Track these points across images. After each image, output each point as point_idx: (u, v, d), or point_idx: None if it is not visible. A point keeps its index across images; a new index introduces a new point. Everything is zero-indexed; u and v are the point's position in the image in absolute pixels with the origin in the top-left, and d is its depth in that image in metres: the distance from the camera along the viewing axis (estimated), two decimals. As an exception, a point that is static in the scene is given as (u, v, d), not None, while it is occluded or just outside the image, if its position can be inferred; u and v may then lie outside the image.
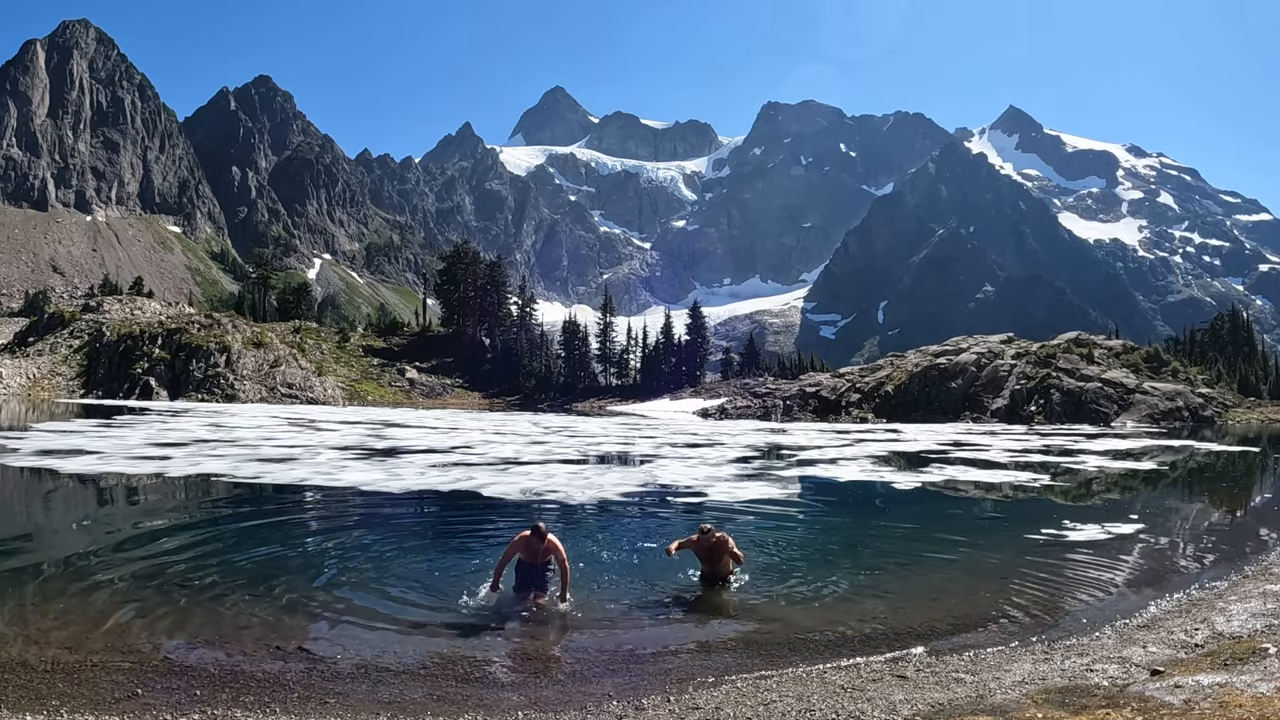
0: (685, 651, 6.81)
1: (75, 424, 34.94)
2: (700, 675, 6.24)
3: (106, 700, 5.42)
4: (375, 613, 7.66)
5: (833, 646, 6.94)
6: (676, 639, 7.14)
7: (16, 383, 65.07)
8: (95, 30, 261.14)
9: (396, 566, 9.69)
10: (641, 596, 8.52)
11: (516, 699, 5.66)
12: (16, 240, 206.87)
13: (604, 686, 5.89)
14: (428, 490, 16.71)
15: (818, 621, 7.66)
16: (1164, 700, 5.18)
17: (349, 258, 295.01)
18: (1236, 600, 8.38)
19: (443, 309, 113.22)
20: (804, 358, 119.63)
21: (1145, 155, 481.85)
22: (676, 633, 7.35)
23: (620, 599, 8.37)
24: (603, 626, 7.44)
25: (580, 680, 6.05)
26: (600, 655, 6.55)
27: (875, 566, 10.17)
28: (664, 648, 6.88)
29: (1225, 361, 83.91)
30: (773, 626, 7.48)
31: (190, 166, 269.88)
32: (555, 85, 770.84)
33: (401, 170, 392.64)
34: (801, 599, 8.36)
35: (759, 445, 32.19)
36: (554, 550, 8.38)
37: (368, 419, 44.83)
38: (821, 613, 7.93)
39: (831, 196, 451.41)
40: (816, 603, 8.28)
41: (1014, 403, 62.36)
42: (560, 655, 6.88)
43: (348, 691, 5.73)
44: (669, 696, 5.75)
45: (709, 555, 8.84)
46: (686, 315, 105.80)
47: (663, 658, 6.64)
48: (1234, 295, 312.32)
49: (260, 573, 9.12)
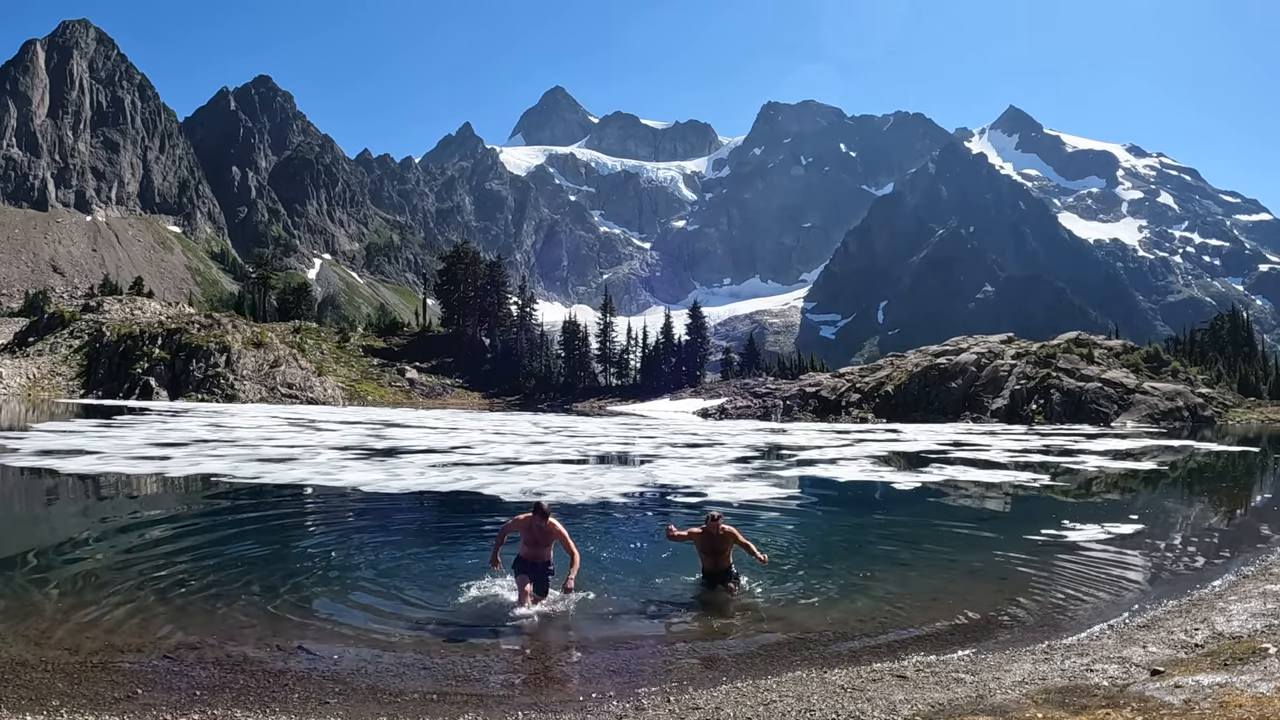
0: (685, 651, 6.81)
1: (75, 424, 34.94)
2: (700, 675, 6.24)
3: (106, 700, 5.42)
4: (375, 613, 7.66)
5: (833, 646, 6.94)
6: (676, 639, 7.14)
7: (16, 383, 65.07)
8: (95, 30, 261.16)
9: (396, 566, 9.69)
10: (641, 596, 8.52)
11: (516, 699, 5.66)
12: (16, 240, 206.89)
13: (604, 686, 5.89)
14: (427, 490, 16.72)
15: (818, 621, 7.66)
16: (1164, 700, 5.18)
17: (349, 258, 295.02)
18: (1236, 600, 8.38)
19: (443, 309, 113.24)
20: (804, 358, 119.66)
21: (1145, 155, 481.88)
22: (676, 632, 7.35)
23: (620, 598, 8.36)
24: (603, 626, 7.44)
25: (580, 680, 6.05)
26: (600, 655, 6.55)
27: (875, 566, 10.17)
28: (664, 647, 6.88)
29: (1225, 361, 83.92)
30: (772, 626, 7.48)
31: (190, 166, 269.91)
32: (555, 85, 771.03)
33: (401, 170, 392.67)
34: (801, 599, 8.35)
35: (759, 445, 32.19)
36: (557, 534, 8.06)
37: (368, 419, 44.83)
38: (821, 613, 7.92)
39: (831, 196, 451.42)
40: (816, 603, 8.28)
41: (1014, 403, 62.36)
42: (560, 655, 6.89)
43: (348, 691, 5.73)
44: (669, 696, 5.75)
45: (713, 546, 8.50)
46: (686, 315, 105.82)
47: (663, 657, 6.64)
48: (1234, 295, 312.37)
49: (260, 573, 9.12)
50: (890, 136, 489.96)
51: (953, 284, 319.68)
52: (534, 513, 8.14)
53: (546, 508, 8.14)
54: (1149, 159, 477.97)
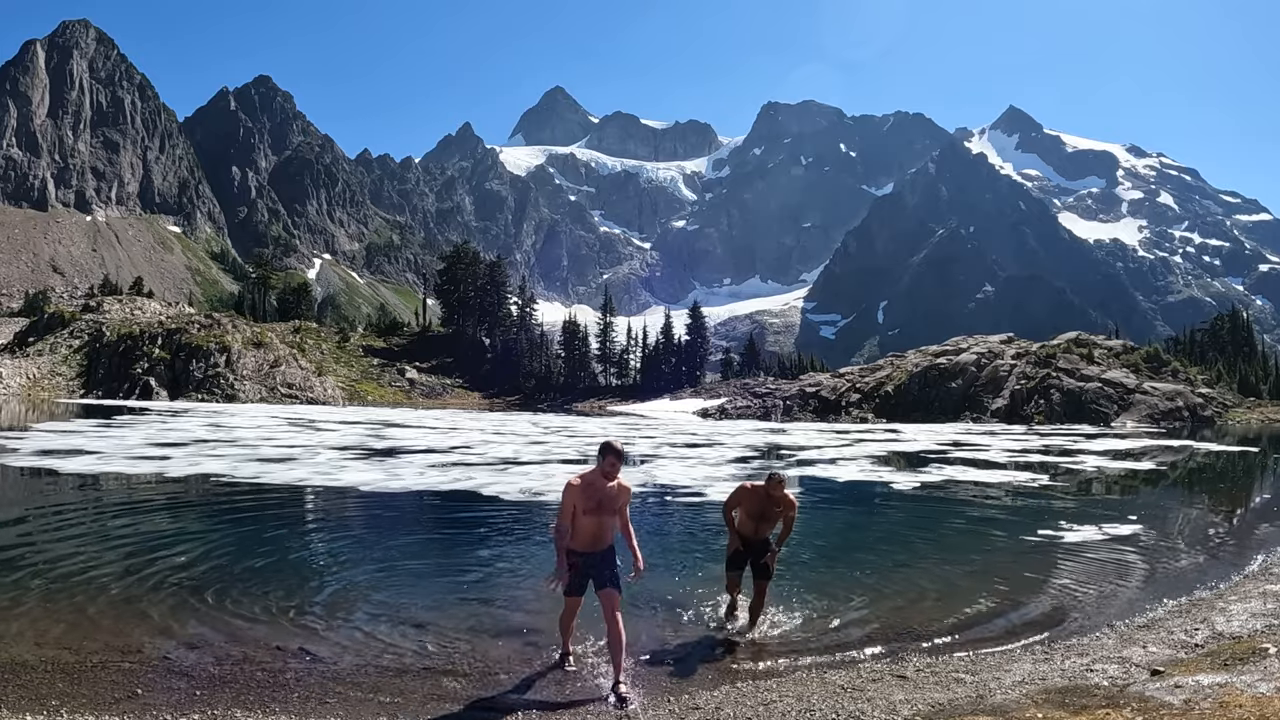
0: (685, 651, 6.80)
1: (75, 424, 34.93)
2: (700, 675, 6.24)
3: (106, 700, 5.42)
4: (375, 613, 7.66)
5: (833, 647, 6.94)
6: (676, 638, 7.14)
7: (16, 383, 65.05)
8: (95, 30, 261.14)
9: (396, 566, 9.68)
10: (641, 595, 8.51)
11: (516, 698, 5.66)
12: (16, 240, 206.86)
13: (604, 686, 5.89)
14: (427, 490, 16.71)
15: (818, 621, 7.66)
16: (1164, 700, 5.18)
17: (349, 258, 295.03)
18: (1236, 600, 8.38)
19: (443, 309, 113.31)
20: (804, 358, 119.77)
21: (1145, 155, 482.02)
22: (676, 632, 7.35)
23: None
24: (602, 626, 7.43)
25: (580, 680, 6.05)
26: (600, 655, 6.54)
27: (874, 566, 10.16)
28: (664, 647, 6.88)
29: (1225, 361, 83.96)
30: (772, 626, 7.47)
31: (190, 166, 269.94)
32: (555, 85, 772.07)
33: (401, 170, 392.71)
34: (800, 599, 8.35)
35: (758, 445, 32.19)
36: (627, 494, 6.04)
37: (367, 419, 44.82)
38: (821, 612, 7.92)
39: (831, 196, 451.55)
40: (816, 603, 8.27)
41: (1014, 403, 62.36)
42: (560, 654, 6.87)
43: (348, 691, 5.73)
44: (669, 696, 5.75)
45: (764, 512, 7.39)
46: (686, 315, 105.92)
47: (663, 657, 6.63)
48: (1234, 295, 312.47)
49: (260, 572, 9.12)
50: (890, 136, 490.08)
51: (953, 284, 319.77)
52: (607, 455, 5.87)
53: (619, 446, 5.93)
54: (1149, 159, 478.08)
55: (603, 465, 5.86)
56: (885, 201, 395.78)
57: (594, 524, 5.86)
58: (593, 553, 5.92)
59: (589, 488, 5.80)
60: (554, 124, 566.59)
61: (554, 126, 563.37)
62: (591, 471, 5.92)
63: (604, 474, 5.88)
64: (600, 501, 5.84)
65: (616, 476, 5.89)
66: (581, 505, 5.81)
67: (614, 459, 5.85)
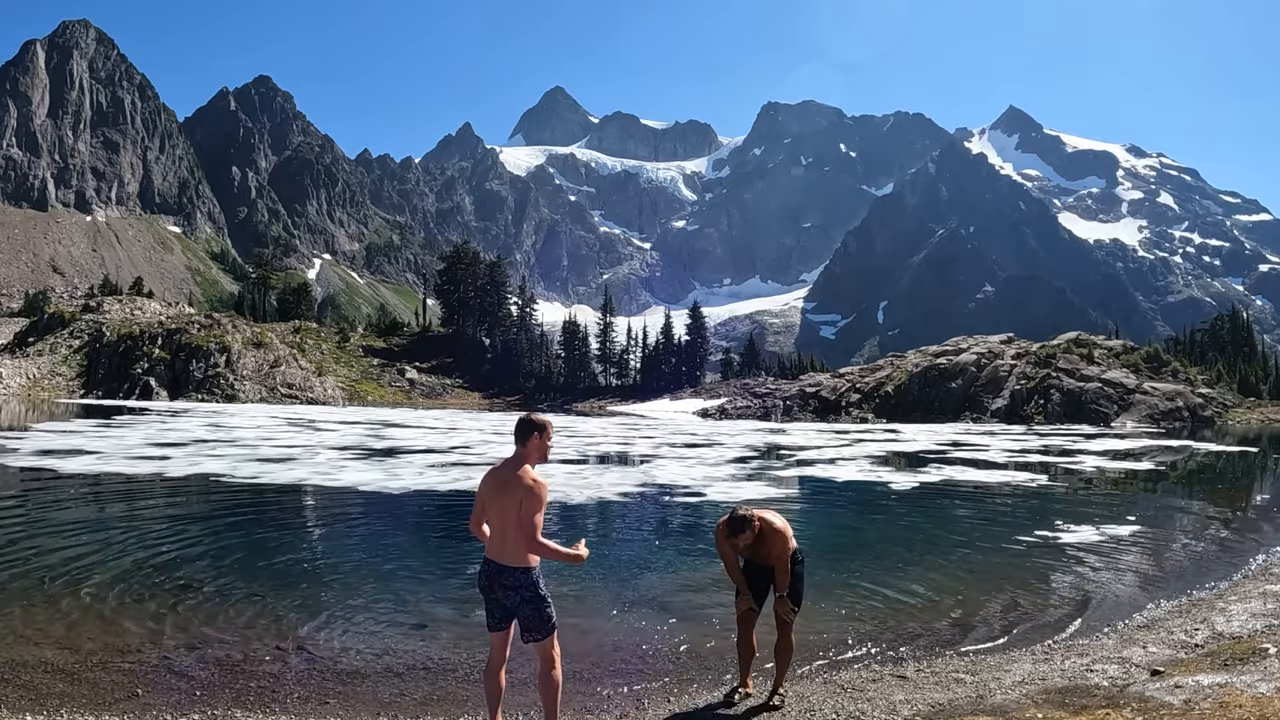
0: (685, 651, 6.80)
1: (75, 424, 34.93)
2: (700, 675, 6.24)
3: (106, 700, 5.42)
4: (375, 613, 7.65)
5: (833, 646, 6.94)
6: (677, 638, 7.13)
7: (16, 383, 65.05)
8: (95, 30, 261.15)
9: (396, 566, 9.68)
10: (640, 596, 8.51)
11: (517, 699, 5.65)
12: (16, 240, 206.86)
13: (604, 686, 5.89)
14: (426, 490, 16.71)
15: (818, 621, 7.66)
16: (1164, 700, 5.18)
17: (349, 258, 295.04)
18: (1236, 600, 8.38)
19: (443, 309, 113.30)
20: (804, 358, 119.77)
21: (1145, 155, 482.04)
22: (677, 632, 7.34)
23: (619, 598, 8.35)
24: (602, 626, 7.43)
25: (580, 680, 6.04)
26: (600, 655, 6.54)
27: (873, 567, 10.16)
28: (664, 648, 6.87)
29: (1225, 362, 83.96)
30: (772, 626, 7.46)
31: (190, 166, 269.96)
32: (555, 85, 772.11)
33: (401, 170, 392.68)
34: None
35: (758, 445, 32.18)
36: (527, 490, 4.43)
37: (367, 419, 44.82)
38: (821, 613, 7.91)
39: (831, 196, 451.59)
40: (815, 603, 8.27)
41: (1014, 403, 62.37)
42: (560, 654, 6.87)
43: (348, 691, 5.73)
44: (669, 696, 5.75)
45: (753, 548, 5.78)
46: (686, 315, 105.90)
47: (663, 658, 6.63)
48: (1234, 295, 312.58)
49: (260, 573, 9.12)
50: (890, 136, 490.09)
51: (953, 284, 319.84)
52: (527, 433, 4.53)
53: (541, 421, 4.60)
54: (1149, 159, 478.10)
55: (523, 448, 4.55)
56: (885, 201, 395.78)
57: (495, 523, 4.53)
58: (491, 561, 4.57)
59: (492, 475, 4.57)
60: (554, 124, 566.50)
61: (554, 126, 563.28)
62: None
63: (519, 458, 4.52)
64: (494, 491, 4.49)
65: (531, 459, 4.49)
66: (481, 496, 4.61)
67: (536, 436, 4.50)
